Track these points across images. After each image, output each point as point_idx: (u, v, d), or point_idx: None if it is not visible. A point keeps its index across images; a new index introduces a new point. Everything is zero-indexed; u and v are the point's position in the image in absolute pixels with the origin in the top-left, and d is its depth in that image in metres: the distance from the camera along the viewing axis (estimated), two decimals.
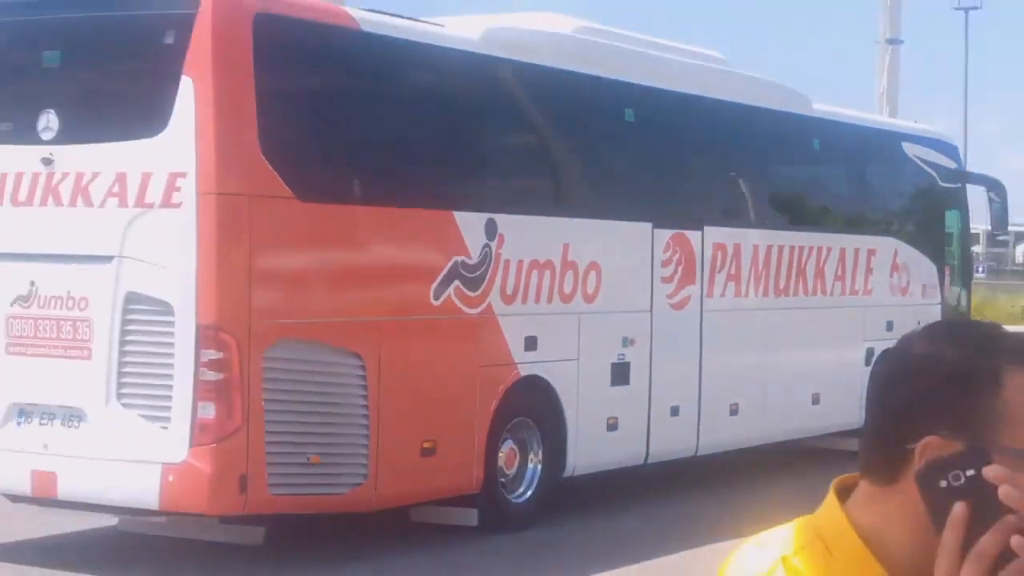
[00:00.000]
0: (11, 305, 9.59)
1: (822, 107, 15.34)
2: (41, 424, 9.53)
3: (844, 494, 1.80)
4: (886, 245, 15.84)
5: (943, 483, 1.65)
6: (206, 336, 9.00)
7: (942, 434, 1.68)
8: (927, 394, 1.72)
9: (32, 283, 9.53)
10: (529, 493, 11.38)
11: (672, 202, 13.03)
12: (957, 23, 56.28)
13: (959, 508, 1.62)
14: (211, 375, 9.01)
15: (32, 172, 9.52)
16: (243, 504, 9.18)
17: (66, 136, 9.44)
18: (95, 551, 10.34)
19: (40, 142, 9.50)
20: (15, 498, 10.10)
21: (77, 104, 9.59)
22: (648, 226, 12.48)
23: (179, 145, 9.05)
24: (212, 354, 9.01)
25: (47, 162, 9.46)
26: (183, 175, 9.04)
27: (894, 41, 31.54)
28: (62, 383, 9.42)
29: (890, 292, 15.85)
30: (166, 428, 9.13)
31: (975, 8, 51.58)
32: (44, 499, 9.72)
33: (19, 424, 9.61)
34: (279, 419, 9.34)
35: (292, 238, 9.59)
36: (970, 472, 1.64)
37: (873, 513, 1.76)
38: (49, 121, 9.47)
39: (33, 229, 9.55)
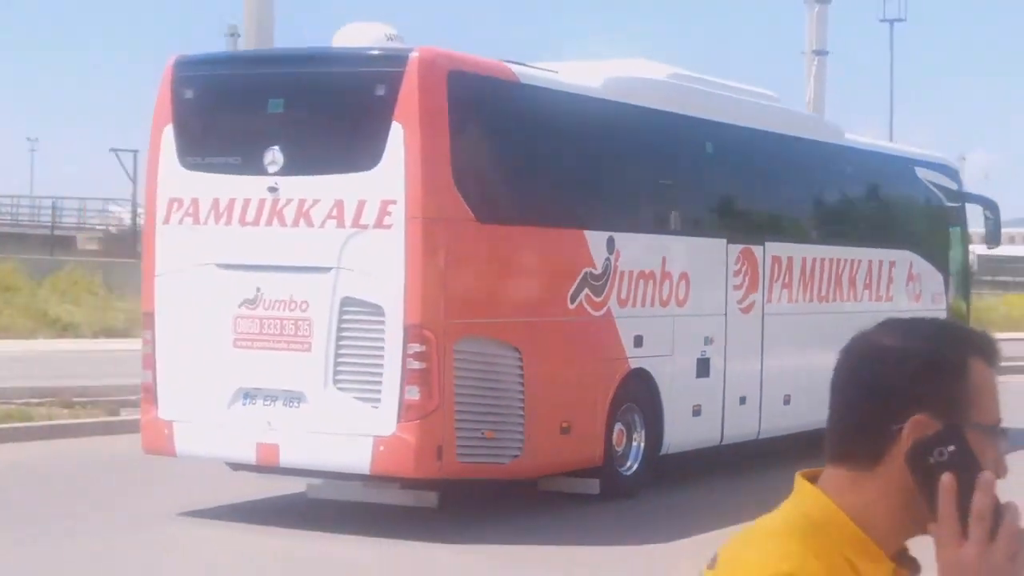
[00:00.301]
0: (238, 307, 11.88)
1: (851, 137, 17.95)
2: (264, 405, 11.83)
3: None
4: (903, 258, 18.44)
5: (931, 460, 1.88)
6: (412, 333, 11.35)
7: (926, 414, 1.93)
8: (907, 381, 1.95)
9: (258, 289, 11.83)
10: (635, 467, 13.79)
11: (741, 220, 15.54)
12: (883, 35, 55.78)
13: (947, 479, 1.85)
14: (416, 364, 11.36)
15: (258, 198, 11.83)
16: (439, 469, 11.54)
17: (289, 169, 11.75)
18: (290, 513, 12.61)
19: (266, 173, 11.81)
20: (236, 466, 12.42)
21: (299, 143, 11.88)
22: (723, 242, 14.98)
23: (390, 178, 11.39)
24: (416, 347, 11.36)
25: (272, 190, 11.77)
26: (394, 202, 11.38)
27: (820, 52, 33.17)
28: (284, 371, 11.72)
29: (906, 299, 18.44)
30: (376, 407, 11.46)
31: (900, 20, 52.29)
32: (266, 467, 12.04)
33: (244, 405, 11.91)
34: (464, 401, 11.70)
35: (473, 253, 11.97)
36: (951, 448, 1.88)
37: (857, 496, 1.97)
38: (274, 157, 11.78)
39: (259, 245, 11.85)
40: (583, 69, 14.05)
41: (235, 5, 20.59)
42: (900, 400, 1.95)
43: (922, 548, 2.02)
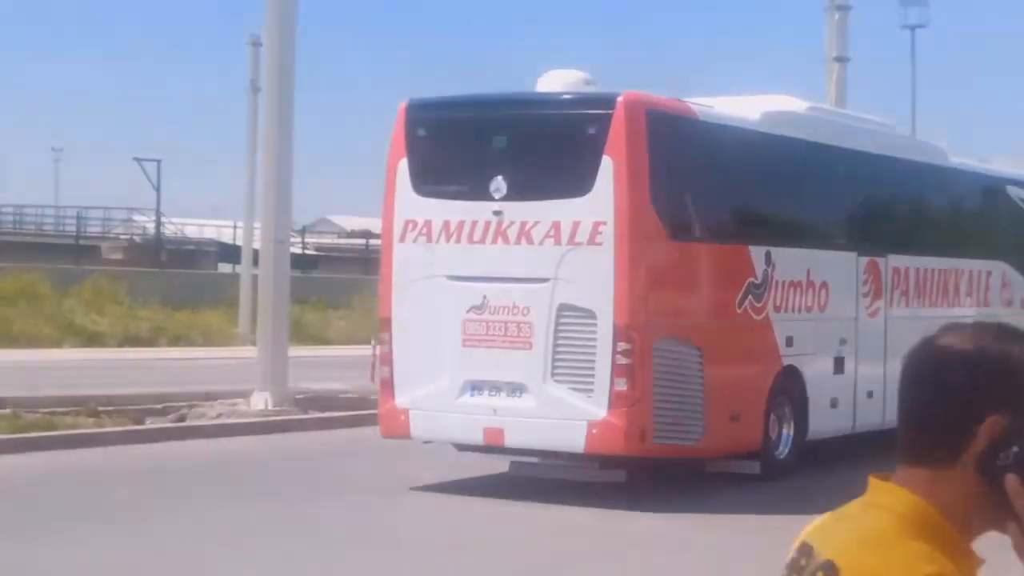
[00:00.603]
0: (467, 312, 14.34)
1: (954, 159, 20.40)
2: (490, 395, 14.28)
3: None
4: (998, 268, 20.86)
5: (999, 460, 2.08)
6: (621, 333, 13.78)
7: (1000, 414, 2.11)
8: (984, 383, 2.13)
9: (484, 297, 14.28)
10: (786, 451, 16.21)
11: (867, 236, 17.98)
12: (904, 41, 54.56)
13: (1012, 480, 2.07)
14: (624, 360, 13.80)
15: (484, 220, 14.30)
16: (642, 449, 13.97)
17: (512, 195, 14.20)
18: (499, 487, 15.06)
19: (491, 199, 14.28)
20: (462, 447, 14.90)
21: (520, 173, 14.33)
22: (854, 255, 17.43)
23: (601, 203, 13.83)
24: (624, 345, 13.79)
25: (497, 213, 14.23)
26: (604, 223, 13.83)
27: (841, 59, 33.82)
28: (508, 366, 14.16)
29: (1000, 305, 20.86)
30: (590, 396, 13.89)
31: (921, 27, 51.51)
32: (492, 447, 14.50)
33: (472, 395, 14.37)
34: (660, 391, 14.13)
35: (666, 265, 14.41)
36: (1015, 449, 2.09)
37: (938, 495, 2.15)
38: (499, 185, 14.24)
39: (485, 260, 14.30)
40: (733, 103, 16.51)
41: (258, 15, 21.20)
42: (978, 401, 2.12)
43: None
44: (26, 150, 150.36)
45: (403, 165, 14.75)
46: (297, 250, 51.82)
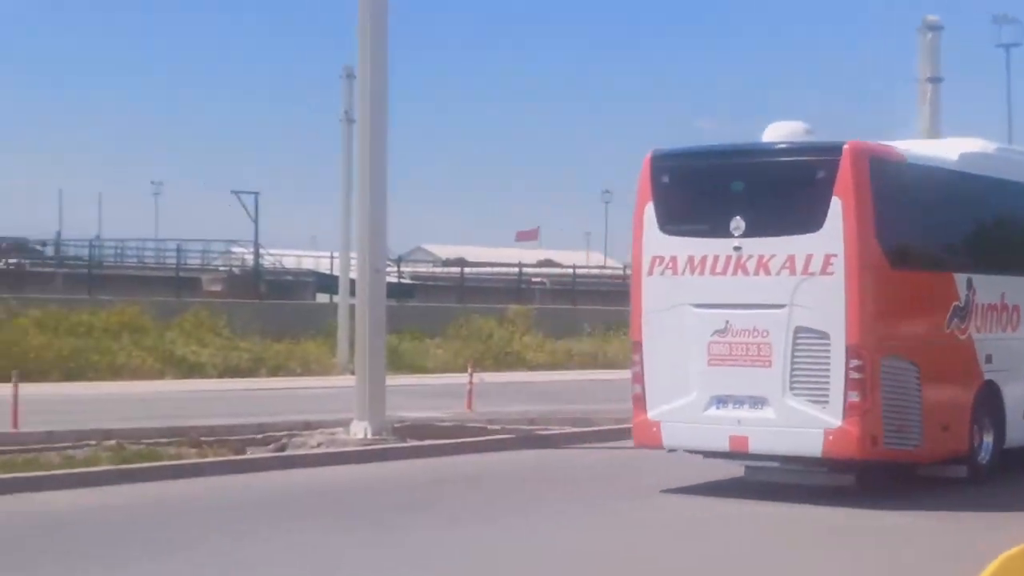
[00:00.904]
0: (711, 335, 16.56)
1: None
2: (734, 408, 16.47)
3: None
4: None
5: None
6: (852, 351, 15.91)
7: None
8: None
9: (727, 322, 16.50)
10: (987, 458, 18.20)
11: None
12: (999, 60, 54.36)
13: None
14: (856, 375, 15.91)
15: (725, 255, 16.53)
16: (873, 453, 16.08)
17: (750, 233, 16.43)
18: (737, 489, 17.19)
19: (731, 236, 16.51)
20: (708, 454, 17.11)
21: (757, 213, 16.54)
22: None
23: (832, 237, 15.99)
24: (856, 362, 15.91)
25: (737, 249, 16.46)
26: (835, 255, 15.99)
27: (934, 79, 34.49)
28: (750, 382, 16.34)
29: None
30: (825, 407, 16.01)
31: (1016, 45, 52.64)
32: (737, 454, 16.69)
33: (717, 408, 16.57)
34: (887, 402, 16.21)
35: (888, 291, 16.52)
36: None
37: None
38: (738, 224, 16.47)
39: (726, 289, 16.52)
40: (926, 145, 18.67)
41: (352, 47, 21.66)
42: None
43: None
44: (126, 184, 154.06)
45: (649, 208, 17.05)
46: (393, 279, 52.92)
